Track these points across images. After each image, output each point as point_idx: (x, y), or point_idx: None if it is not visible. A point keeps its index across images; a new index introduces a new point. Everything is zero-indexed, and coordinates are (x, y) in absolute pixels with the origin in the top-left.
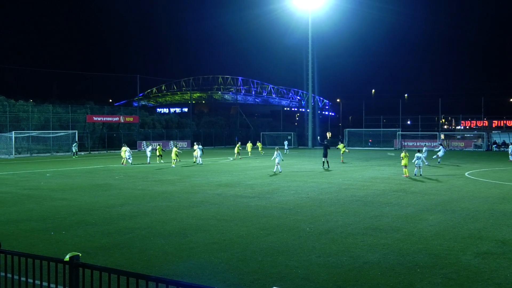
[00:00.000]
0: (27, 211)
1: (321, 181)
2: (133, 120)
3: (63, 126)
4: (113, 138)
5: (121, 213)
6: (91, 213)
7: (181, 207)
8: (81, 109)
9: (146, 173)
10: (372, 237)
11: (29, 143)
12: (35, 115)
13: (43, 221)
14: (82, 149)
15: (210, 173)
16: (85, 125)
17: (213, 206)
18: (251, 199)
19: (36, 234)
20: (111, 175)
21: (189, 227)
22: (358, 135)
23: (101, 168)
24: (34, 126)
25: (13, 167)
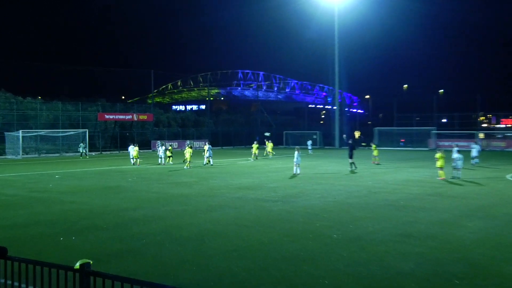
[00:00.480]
0: (35, 214)
1: (349, 184)
2: (147, 118)
3: (73, 125)
4: (126, 137)
5: (135, 217)
6: (103, 217)
7: (198, 211)
8: (92, 107)
9: (160, 174)
10: (405, 245)
11: (37, 143)
12: (44, 113)
13: (52, 226)
14: (93, 149)
15: (229, 175)
16: (96, 123)
17: (233, 211)
18: (274, 203)
19: (44, 240)
20: (123, 176)
21: (207, 233)
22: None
23: (113, 169)
24: (43, 125)
25: (21, 168)
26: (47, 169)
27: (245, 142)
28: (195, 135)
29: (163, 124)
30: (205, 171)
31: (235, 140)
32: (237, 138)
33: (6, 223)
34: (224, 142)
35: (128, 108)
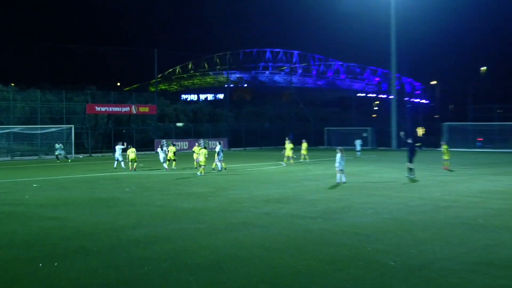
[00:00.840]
0: (7, 234)
1: (411, 195)
2: (149, 111)
3: (55, 120)
4: (122, 135)
5: (134, 238)
6: (93, 237)
7: (215, 231)
8: (79, 96)
9: (166, 183)
10: (485, 276)
11: (10, 142)
12: (18, 104)
13: (28, 248)
14: (80, 150)
15: (255, 184)
16: (84, 117)
17: (259, 230)
18: (312, 220)
19: (18, 266)
20: (119, 185)
21: (226, 259)
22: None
23: (105, 176)
24: (16, 120)
25: None
26: (22, 176)
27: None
28: (210, 133)
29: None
30: (224, 179)
31: (262, 139)
32: (265, 136)
33: None
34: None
35: (125, 98)
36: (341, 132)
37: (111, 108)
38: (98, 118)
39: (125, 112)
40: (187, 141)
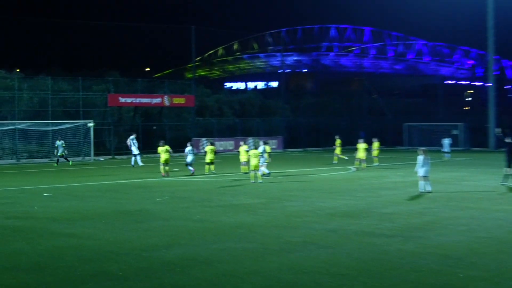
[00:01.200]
0: (12, 254)
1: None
2: (185, 103)
3: (70, 113)
4: (152, 133)
5: (167, 260)
6: (117, 259)
7: (267, 252)
8: (99, 84)
9: (207, 192)
10: None
11: (15, 141)
12: (24, 95)
13: (38, 272)
14: (102, 151)
15: (317, 194)
16: (105, 111)
17: (324, 251)
18: (389, 239)
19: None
20: (149, 195)
21: (283, 286)
22: None
23: (132, 183)
24: (23, 114)
25: None
26: (30, 183)
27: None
28: (261, 129)
29: (211, 111)
30: (278, 187)
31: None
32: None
33: None
34: (308, 141)
35: (156, 87)
36: (425, 129)
37: (138, 99)
38: (122, 111)
39: (155, 104)
40: (232, 140)
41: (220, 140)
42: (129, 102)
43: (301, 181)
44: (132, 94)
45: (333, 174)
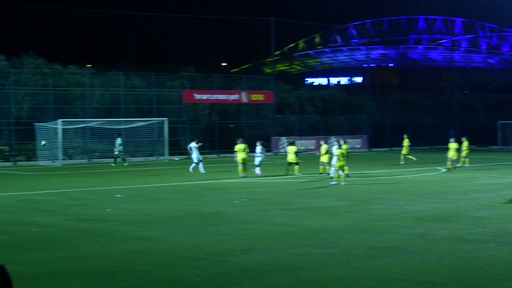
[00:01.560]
0: (84, 258)
1: None
2: (264, 99)
3: (143, 111)
4: (229, 131)
5: (245, 265)
6: (193, 264)
7: (351, 258)
8: (173, 80)
9: (287, 194)
10: None
11: (86, 140)
12: (96, 92)
13: (110, 277)
14: (177, 150)
15: (405, 196)
16: (180, 108)
17: (411, 258)
18: (481, 245)
19: None
20: (226, 197)
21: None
22: None
23: (209, 184)
24: (94, 111)
25: (60, 180)
26: (102, 184)
27: (433, 139)
28: (344, 128)
29: (292, 108)
30: (363, 189)
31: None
32: (418, 132)
33: (39, 271)
34: (395, 140)
35: (233, 83)
36: None
37: (214, 96)
38: (198, 108)
39: (233, 101)
40: (314, 139)
41: (300, 139)
42: (205, 99)
43: (387, 183)
44: (208, 91)
45: (421, 175)
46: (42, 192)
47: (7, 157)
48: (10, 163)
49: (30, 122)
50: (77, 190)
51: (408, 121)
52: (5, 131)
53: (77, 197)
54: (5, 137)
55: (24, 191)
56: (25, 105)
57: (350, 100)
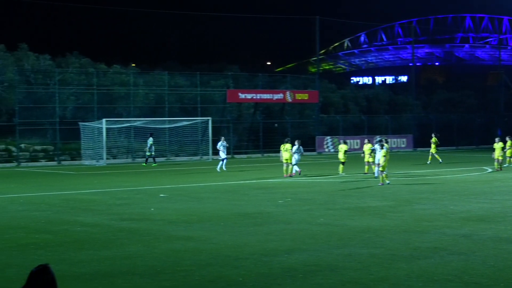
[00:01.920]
0: (128, 257)
1: None
2: (308, 99)
3: (187, 110)
4: (273, 131)
5: (289, 265)
6: (236, 264)
7: (395, 258)
8: (217, 80)
9: (331, 194)
10: None
11: (130, 140)
12: (140, 91)
13: (154, 277)
14: None
15: (450, 196)
16: (224, 107)
17: (456, 258)
18: None
19: None
20: (270, 196)
21: None
22: None
23: (252, 184)
24: (138, 110)
25: (104, 180)
26: (146, 183)
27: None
28: (389, 127)
29: (336, 108)
30: (407, 189)
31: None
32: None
33: (82, 271)
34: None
35: (277, 82)
36: None
37: (259, 95)
38: (242, 108)
39: (277, 100)
40: (358, 139)
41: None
42: (249, 98)
43: (432, 183)
44: (253, 90)
45: (466, 175)
46: (86, 192)
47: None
48: (54, 163)
49: (74, 121)
50: (121, 190)
51: (453, 121)
52: (50, 131)
53: (121, 196)
54: (49, 137)
55: (68, 190)
56: (70, 105)
57: (395, 99)
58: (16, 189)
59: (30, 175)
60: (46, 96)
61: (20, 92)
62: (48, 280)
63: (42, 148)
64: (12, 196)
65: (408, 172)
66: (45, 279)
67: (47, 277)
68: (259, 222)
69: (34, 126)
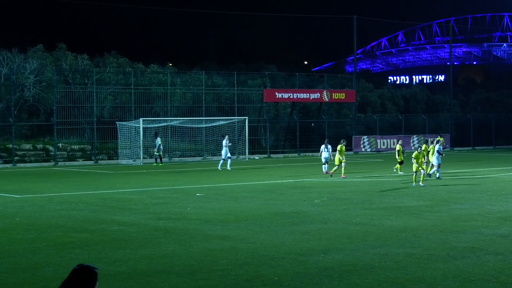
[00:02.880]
0: (165, 256)
1: None
2: (345, 98)
3: (224, 109)
4: (310, 130)
5: (325, 265)
6: (272, 263)
7: (432, 258)
8: (254, 79)
9: (368, 194)
10: None
11: (167, 139)
12: (178, 90)
13: (190, 276)
14: (257, 149)
15: (487, 196)
16: (261, 107)
17: (493, 258)
18: None
19: None
20: (306, 196)
21: None
22: None
23: (289, 183)
24: (176, 110)
25: (141, 179)
26: (183, 182)
27: None
28: (427, 127)
29: (373, 107)
30: (445, 189)
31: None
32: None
33: (119, 269)
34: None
35: (314, 82)
36: None
37: (296, 95)
38: (279, 107)
39: (314, 100)
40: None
41: (382, 138)
42: (286, 98)
43: (469, 183)
44: (290, 89)
45: (504, 175)
46: (123, 191)
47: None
48: (92, 162)
49: (111, 121)
50: (158, 189)
51: (490, 121)
52: (87, 130)
53: (158, 195)
54: (87, 136)
55: (105, 189)
56: (107, 104)
57: (432, 98)
58: (54, 188)
59: (68, 174)
60: (84, 95)
61: (58, 91)
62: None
63: (80, 148)
64: (50, 195)
65: (446, 171)
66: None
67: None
68: (296, 221)
69: (71, 125)
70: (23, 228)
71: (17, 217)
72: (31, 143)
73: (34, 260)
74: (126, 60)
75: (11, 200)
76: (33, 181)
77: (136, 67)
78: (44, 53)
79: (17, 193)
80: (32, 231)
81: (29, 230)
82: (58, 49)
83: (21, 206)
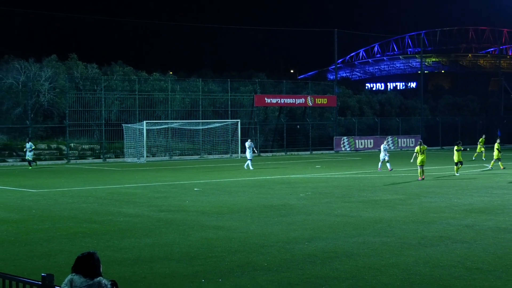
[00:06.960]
0: (165, 245)
1: None
2: (327, 103)
3: (218, 113)
4: (296, 132)
5: (309, 252)
6: (262, 251)
7: (405, 246)
8: (246, 86)
9: (348, 188)
10: None
11: (168, 140)
12: (177, 96)
13: (188, 262)
14: None
15: (454, 190)
16: (252, 110)
17: (459, 246)
18: None
19: (178, 281)
20: (292, 190)
21: (419, 279)
22: None
23: (277, 179)
24: (175, 114)
25: (144, 176)
26: (182, 178)
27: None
28: (400, 128)
29: (352, 111)
30: (416, 184)
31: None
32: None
33: (124, 256)
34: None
35: (300, 88)
36: None
37: (283, 100)
38: (268, 111)
39: (299, 104)
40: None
41: (360, 138)
42: (275, 103)
43: (438, 179)
44: (278, 95)
45: (469, 172)
46: (128, 186)
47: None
48: (100, 160)
49: (118, 123)
50: (159, 184)
51: (456, 123)
52: (96, 131)
53: (160, 190)
54: (96, 137)
55: (112, 184)
56: (114, 108)
57: (405, 103)
58: (66, 184)
59: (79, 171)
60: (93, 100)
61: (70, 97)
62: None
63: (90, 147)
64: (63, 189)
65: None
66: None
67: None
68: (283, 213)
69: (82, 127)
70: (39, 219)
71: (33, 209)
72: (46, 143)
73: (49, 248)
74: (131, 69)
75: (28, 194)
76: (48, 177)
77: (140, 75)
78: (58, 62)
79: (33, 188)
80: (47, 222)
81: (44, 221)
82: (70, 59)
83: (37, 199)
